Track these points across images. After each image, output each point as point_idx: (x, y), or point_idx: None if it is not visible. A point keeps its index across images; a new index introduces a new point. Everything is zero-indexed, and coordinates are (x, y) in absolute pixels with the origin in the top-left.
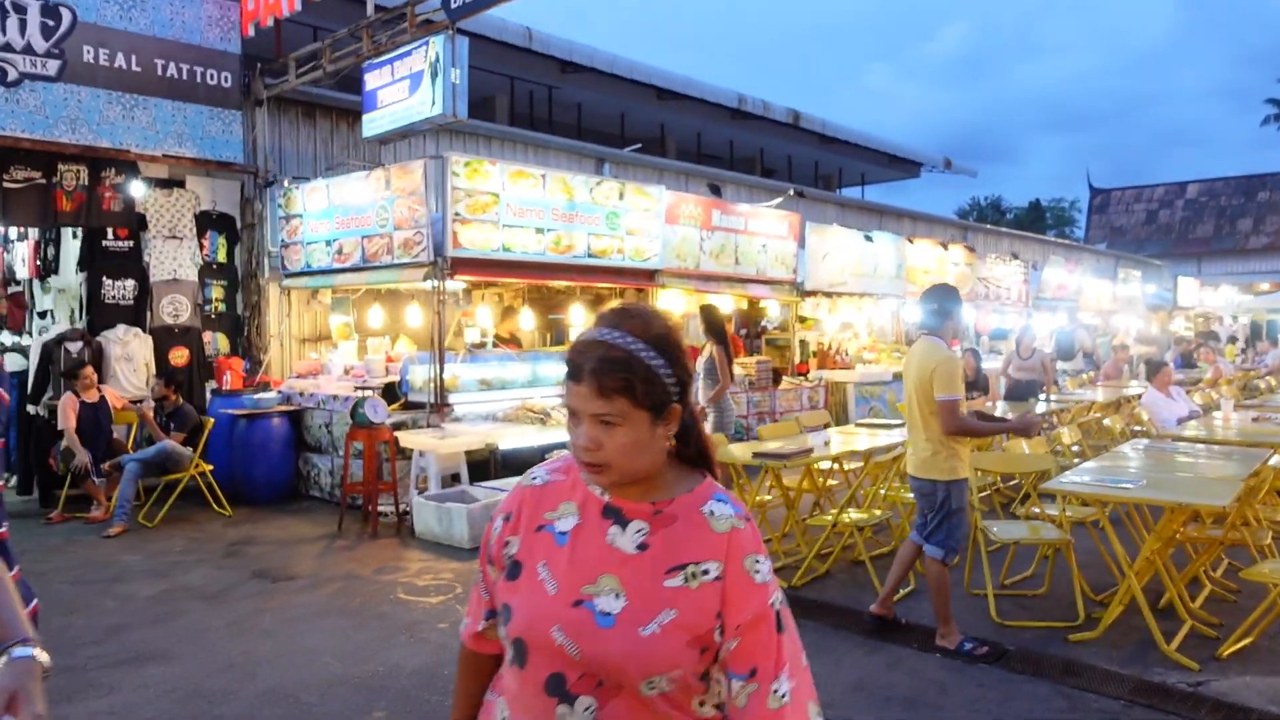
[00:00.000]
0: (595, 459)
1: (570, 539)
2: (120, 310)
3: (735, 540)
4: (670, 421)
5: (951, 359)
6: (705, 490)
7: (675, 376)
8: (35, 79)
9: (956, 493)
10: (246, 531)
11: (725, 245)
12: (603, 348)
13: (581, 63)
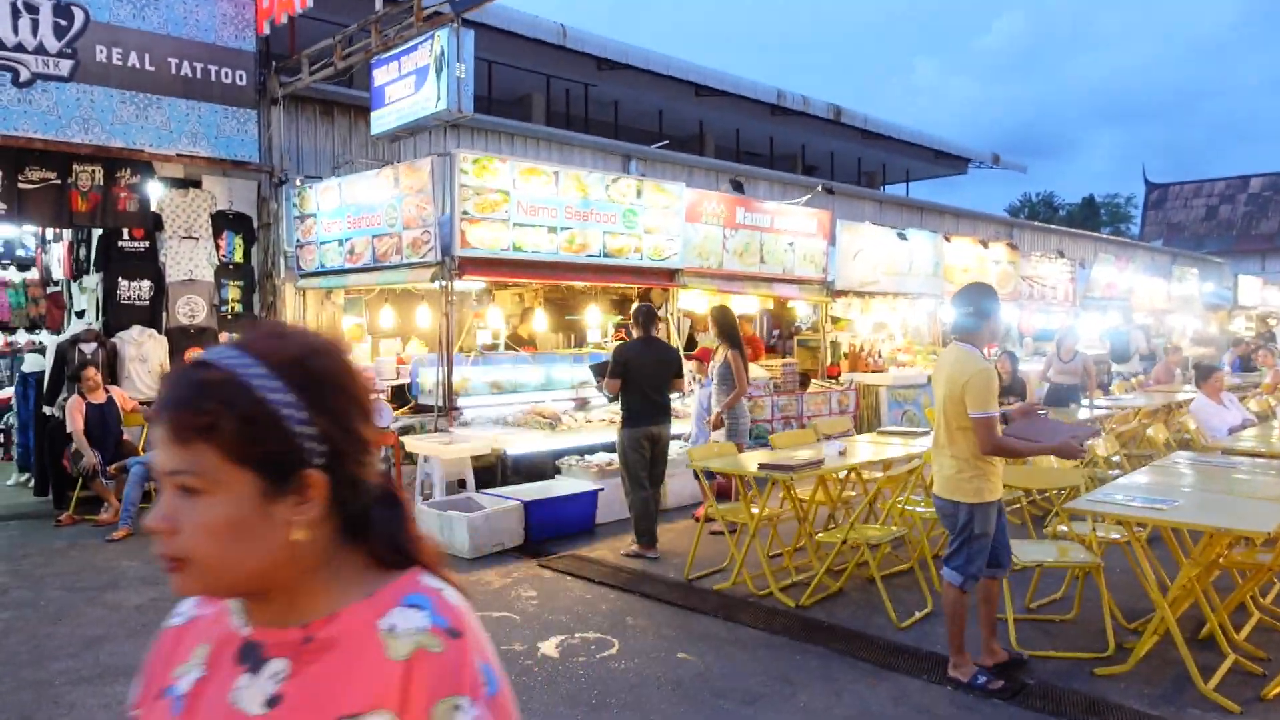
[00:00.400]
0: (169, 549)
1: (186, 704)
2: (136, 311)
3: (420, 672)
4: (304, 496)
5: (986, 371)
6: (391, 594)
7: (317, 427)
8: (48, 79)
9: (980, 517)
10: None
11: (750, 244)
12: (198, 370)
13: (617, 60)
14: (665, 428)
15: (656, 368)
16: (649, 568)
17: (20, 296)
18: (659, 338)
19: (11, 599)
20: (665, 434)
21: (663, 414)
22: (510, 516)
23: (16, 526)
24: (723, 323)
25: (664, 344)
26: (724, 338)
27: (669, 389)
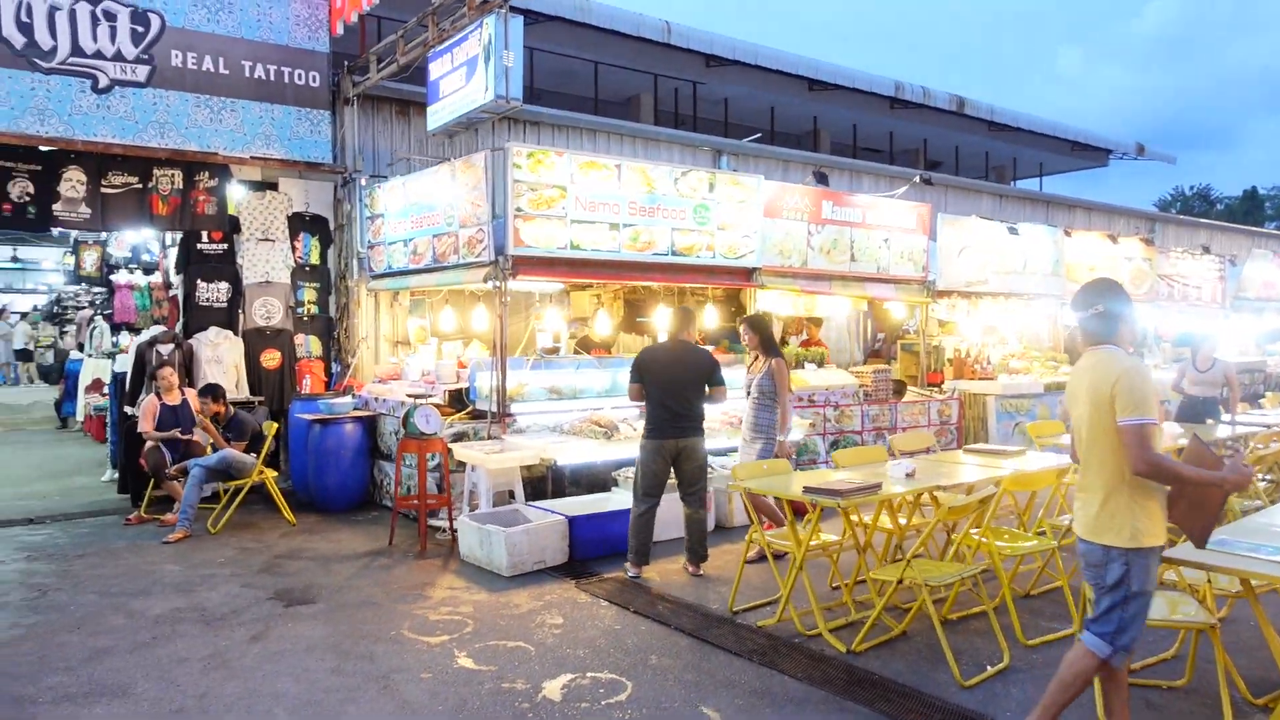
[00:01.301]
0: None
1: None
2: (214, 312)
3: None
4: None
5: (1139, 369)
6: None
7: None
8: (125, 85)
9: (1139, 569)
10: (299, 543)
11: (839, 240)
12: None
13: (725, 56)
14: (690, 440)
15: (680, 374)
16: (690, 595)
17: (145, 299)
18: (691, 342)
19: (45, 602)
20: (692, 447)
21: (686, 425)
22: (552, 533)
23: (91, 524)
24: (760, 329)
25: (694, 349)
26: (762, 347)
27: (695, 398)
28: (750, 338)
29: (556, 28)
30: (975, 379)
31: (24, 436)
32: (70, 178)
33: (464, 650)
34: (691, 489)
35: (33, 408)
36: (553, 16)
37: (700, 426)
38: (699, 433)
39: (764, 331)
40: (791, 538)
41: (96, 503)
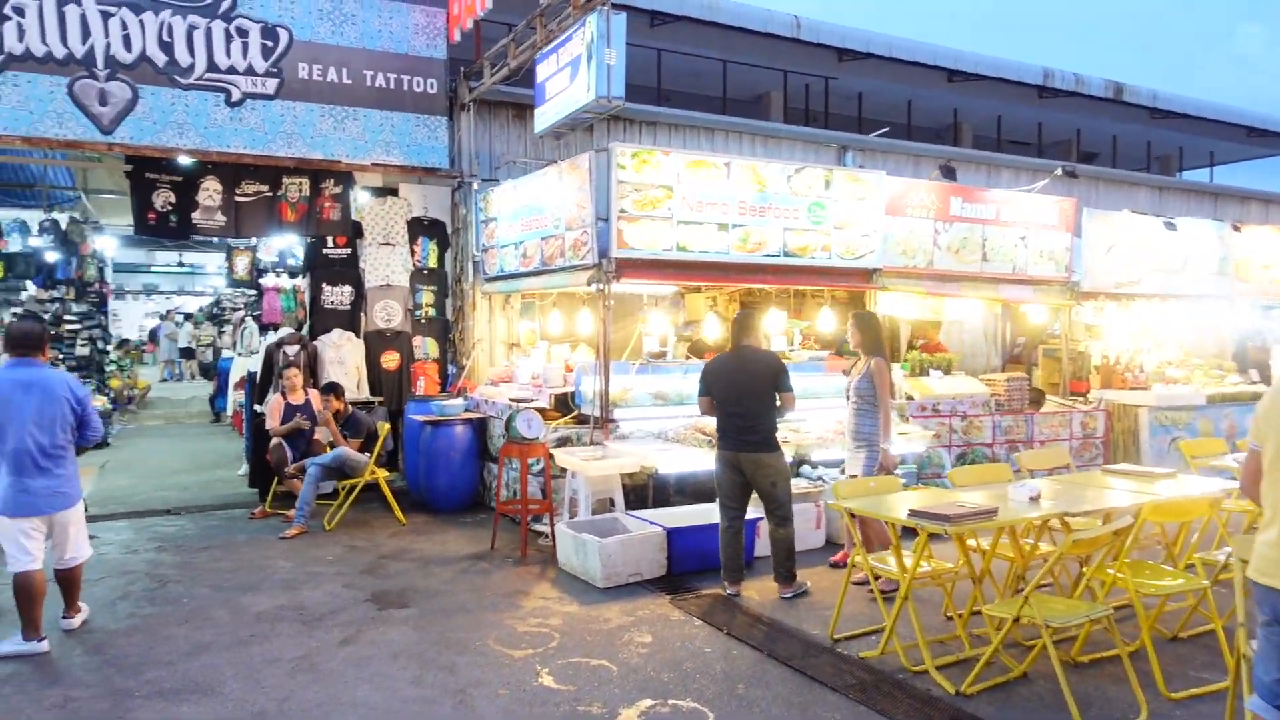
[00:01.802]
0: None
1: None
2: (338, 315)
3: None
4: None
5: None
6: None
7: None
8: (255, 98)
9: None
10: (406, 543)
11: (969, 239)
12: None
13: (857, 49)
14: (755, 455)
15: (743, 383)
16: (790, 618)
17: (290, 301)
18: (755, 346)
19: (163, 594)
20: (758, 462)
21: (750, 438)
22: (649, 544)
23: (220, 517)
24: (867, 328)
25: (757, 354)
26: (866, 348)
27: (760, 409)
28: (857, 336)
29: (684, 28)
30: (1125, 389)
31: (180, 429)
32: (208, 187)
33: (546, 667)
34: (770, 506)
35: (190, 402)
36: (680, 16)
37: (768, 440)
38: (767, 447)
39: (872, 330)
40: (898, 563)
41: (229, 496)
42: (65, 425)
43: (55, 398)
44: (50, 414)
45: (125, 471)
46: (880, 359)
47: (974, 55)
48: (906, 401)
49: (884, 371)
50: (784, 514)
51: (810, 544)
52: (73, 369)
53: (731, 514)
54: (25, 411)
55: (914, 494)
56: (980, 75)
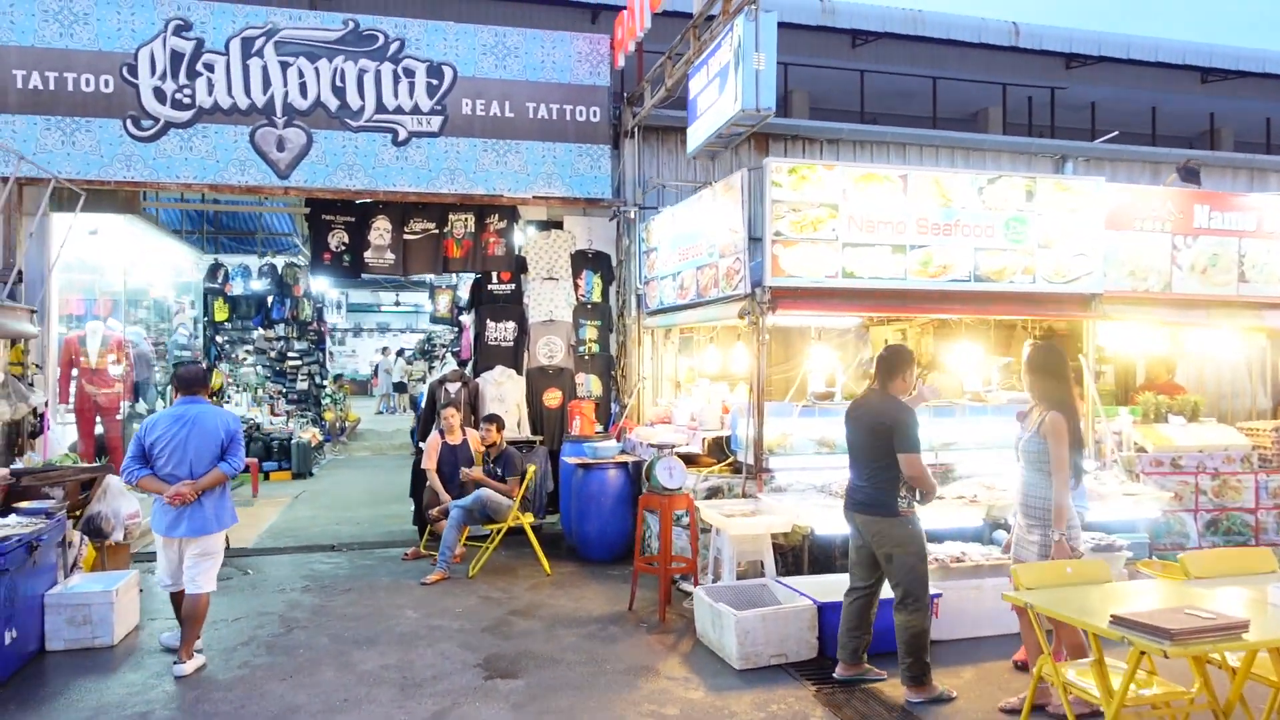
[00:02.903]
0: None
1: None
2: (501, 351)
3: None
4: None
5: None
6: None
7: None
8: (420, 136)
9: None
10: (542, 597)
11: (1220, 255)
12: None
13: (1088, 53)
14: (865, 518)
15: (855, 431)
16: None
17: None
18: (884, 391)
19: (284, 642)
20: (872, 527)
21: (859, 497)
22: (796, 620)
23: (377, 556)
24: (1045, 367)
25: (879, 400)
26: (1045, 392)
27: (872, 464)
28: (1029, 377)
29: (888, 46)
30: None
31: (381, 461)
32: (378, 226)
33: None
34: (890, 582)
35: (395, 435)
36: (882, 34)
37: (879, 501)
38: (880, 509)
39: (1051, 369)
40: (1099, 684)
41: (395, 533)
42: (214, 457)
43: (207, 430)
44: (200, 445)
45: (313, 502)
46: (1059, 413)
47: (1231, 49)
48: (1137, 455)
49: (1061, 429)
50: (905, 594)
51: (1004, 627)
52: (293, 402)
53: (854, 582)
54: (179, 441)
55: (1128, 586)
56: (1241, 72)
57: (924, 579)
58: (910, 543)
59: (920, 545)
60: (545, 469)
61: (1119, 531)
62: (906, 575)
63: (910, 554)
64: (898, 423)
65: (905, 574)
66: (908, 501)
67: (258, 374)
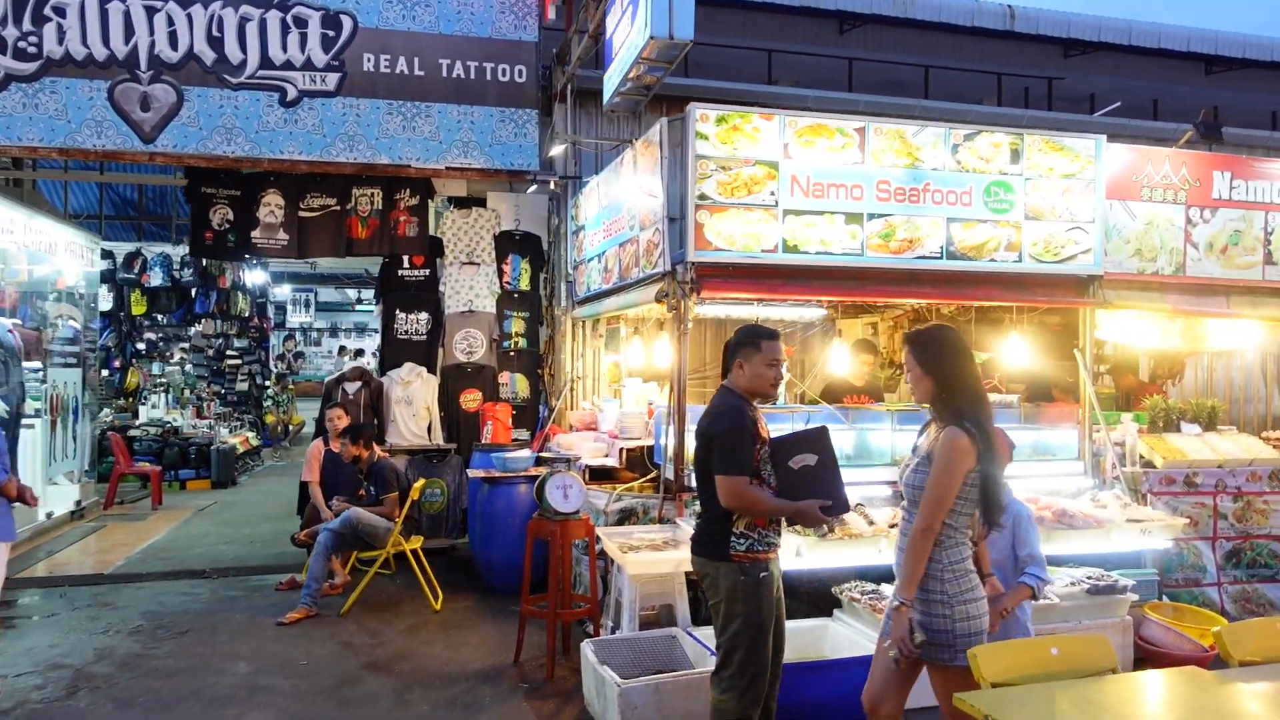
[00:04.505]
0: None
1: None
2: (412, 347)
3: None
4: None
5: None
6: None
7: None
8: (313, 95)
9: None
10: (415, 643)
11: (1242, 232)
12: None
13: (1087, 39)
14: (697, 560)
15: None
16: None
17: None
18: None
19: (55, 712)
20: (701, 573)
21: (695, 531)
22: (704, 690)
23: (249, 585)
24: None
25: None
26: (937, 400)
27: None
28: (917, 378)
29: (876, 31)
30: None
31: None
32: (269, 202)
33: None
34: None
35: None
36: (870, 16)
37: (707, 536)
38: (706, 548)
39: (946, 366)
40: None
41: (285, 555)
42: None
43: None
44: None
45: (216, 517)
46: (960, 431)
47: (1239, 37)
48: (1144, 471)
49: (958, 457)
50: (721, 664)
51: None
52: (232, 404)
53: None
54: None
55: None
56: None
57: (755, 651)
58: (741, 599)
59: (756, 605)
60: (459, 483)
61: (1122, 567)
62: (728, 640)
63: (738, 615)
64: (715, 433)
65: (728, 638)
66: (749, 543)
67: (186, 373)
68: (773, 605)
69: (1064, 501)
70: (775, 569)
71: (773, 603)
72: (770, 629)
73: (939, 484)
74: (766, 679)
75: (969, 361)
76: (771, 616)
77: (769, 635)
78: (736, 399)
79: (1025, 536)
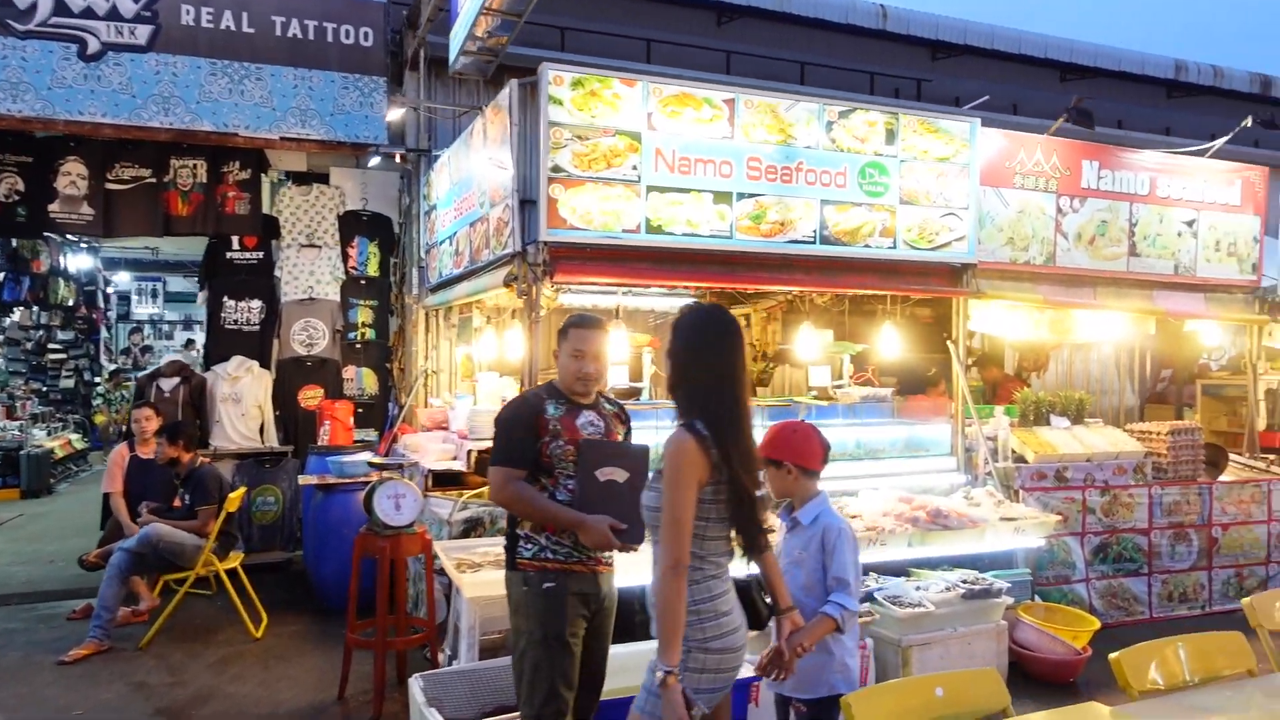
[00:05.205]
0: None
1: None
2: (242, 338)
3: None
4: None
5: None
6: None
7: None
8: (120, 49)
9: None
10: (224, 680)
11: (1110, 223)
12: None
13: (954, 41)
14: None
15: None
16: None
17: None
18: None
19: None
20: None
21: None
22: None
23: (36, 613)
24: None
25: None
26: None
27: None
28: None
29: (754, 25)
30: None
31: None
32: (69, 172)
33: None
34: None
35: None
36: (748, 9)
37: (507, 540)
38: (507, 557)
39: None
40: None
41: (88, 578)
42: None
43: None
44: None
45: (19, 531)
46: (683, 431)
47: (1091, 46)
48: (1016, 467)
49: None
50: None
51: None
52: (56, 403)
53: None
54: None
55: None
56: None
57: (542, 675)
58: (523, 613)
59: (539, 622)
60: (295, 490)
61: (995, 567)
62: (515, 661)
63: (521, 632)
64: (499, 420)
65: (515, 660)
66: (536, 549)
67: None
68: (564, 624)
69: (938, 500)
70: (580, 584)
71: (565, 621)
72: (566, 652)
73: (670, 504)
74: (566, 709)
75: (715, 344)
76: (563, 637)
77: (563, 659)
78: (539, 391)
79: (838, 556)
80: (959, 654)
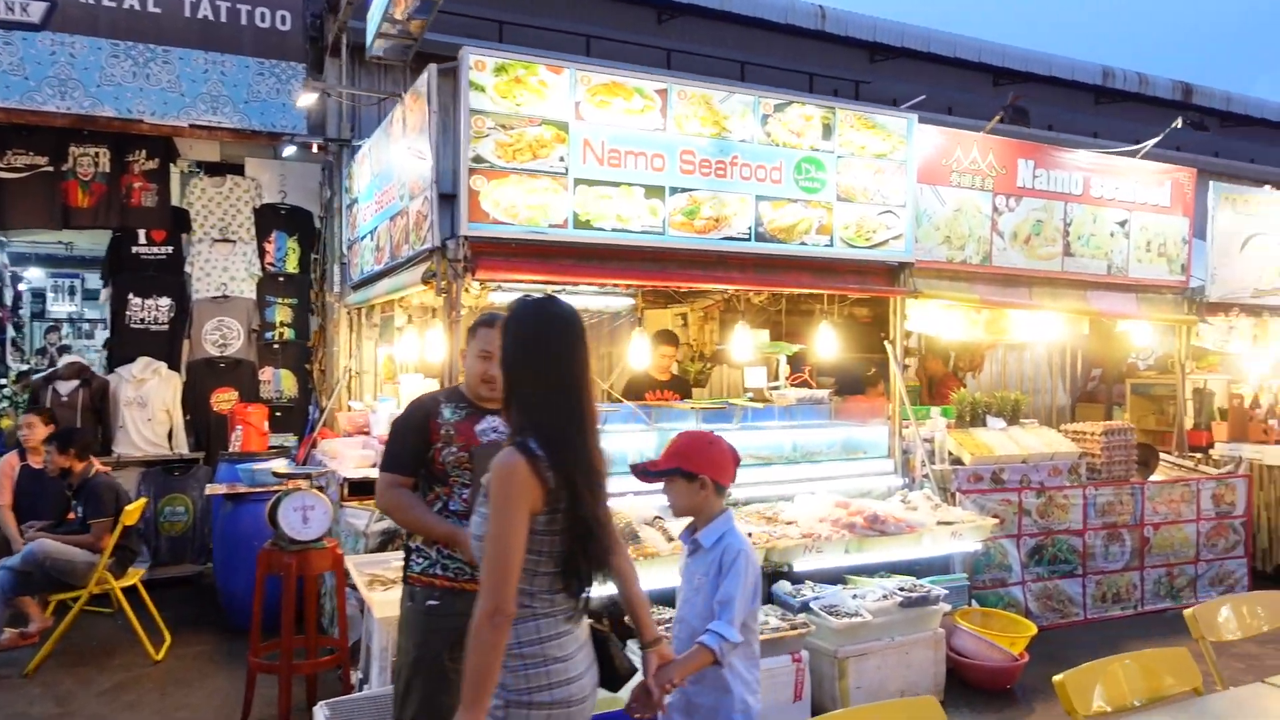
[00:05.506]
0: None
1: None
2: (149, 338)
3: None
4: None
5: None
6: None
7: None
8: (10, 27)
9: None
10: (116, 708)
11: (1045, 222)
12: None
13: (891, 44)
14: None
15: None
16: None
17: None
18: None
19: None
20: None
21: None
22: None
23: None
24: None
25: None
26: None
27: None
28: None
29: (695, 24)
30: (1271, 442)
31: None
32: None
33: None
34: None
35: None
36: (688, 8)
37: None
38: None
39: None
40: None
41: None
42: None
43: None
44: None
45: None
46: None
47: (1021, 52)
48: (953, 469)
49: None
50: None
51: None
52: None
53: None
54: None
55: None
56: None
57: (427, 698)
58: (406, 629)
59: (421, 640)
60: (207, 499)
61: (932, 571)
62: (394, 681)
63: (402, 648)
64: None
65: (393, 678)
66: (426, 563)
67: None
68: (443, 647)
69: (875, 505)
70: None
71: (445, 644)
72: (443, 678)
73: (493, 538)
74: None
75: (550, 344)
76: (440, 661)
77: (438, 685)
78: (439, 394)
79: (729, 578)
80: (896, 664)
